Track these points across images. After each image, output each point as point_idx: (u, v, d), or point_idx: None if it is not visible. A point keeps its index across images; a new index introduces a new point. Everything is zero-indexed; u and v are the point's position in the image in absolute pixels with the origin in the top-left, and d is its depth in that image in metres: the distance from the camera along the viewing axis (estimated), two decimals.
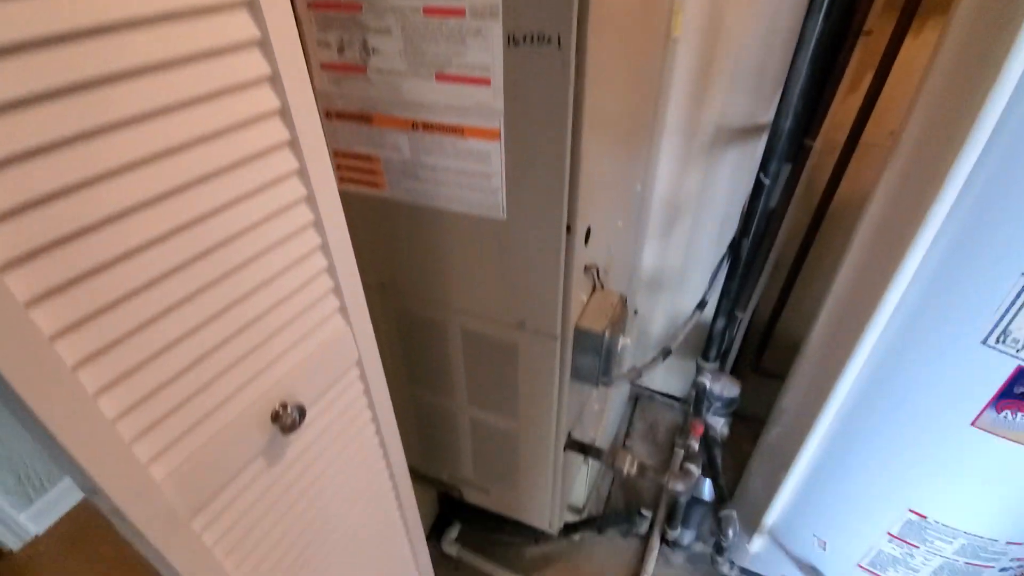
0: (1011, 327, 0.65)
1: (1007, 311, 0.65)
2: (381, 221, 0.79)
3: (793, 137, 1.17)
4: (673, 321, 1.64)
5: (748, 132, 1.28)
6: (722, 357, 1.46)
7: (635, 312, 1.67)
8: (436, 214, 0.73)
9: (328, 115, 0.71)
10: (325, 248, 0.57)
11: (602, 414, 1.41)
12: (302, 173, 0.52)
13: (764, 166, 0.96)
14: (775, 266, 1.45)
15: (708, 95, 1.27)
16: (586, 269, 0.79)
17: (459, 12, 0.56)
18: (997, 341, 0.67)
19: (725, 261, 1.11)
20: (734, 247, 1.07)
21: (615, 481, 1.59)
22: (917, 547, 0.89)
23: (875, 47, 1.08)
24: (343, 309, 0.62)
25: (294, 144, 0.50)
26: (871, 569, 0.98)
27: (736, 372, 1.63)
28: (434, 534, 1.40)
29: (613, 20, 0.64)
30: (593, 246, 0.81)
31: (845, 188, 1.25)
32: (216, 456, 0.49)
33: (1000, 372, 0.68)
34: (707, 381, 1.20)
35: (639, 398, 1.83)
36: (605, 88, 0.68)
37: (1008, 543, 0.83)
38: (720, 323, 1.17)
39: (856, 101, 1.15)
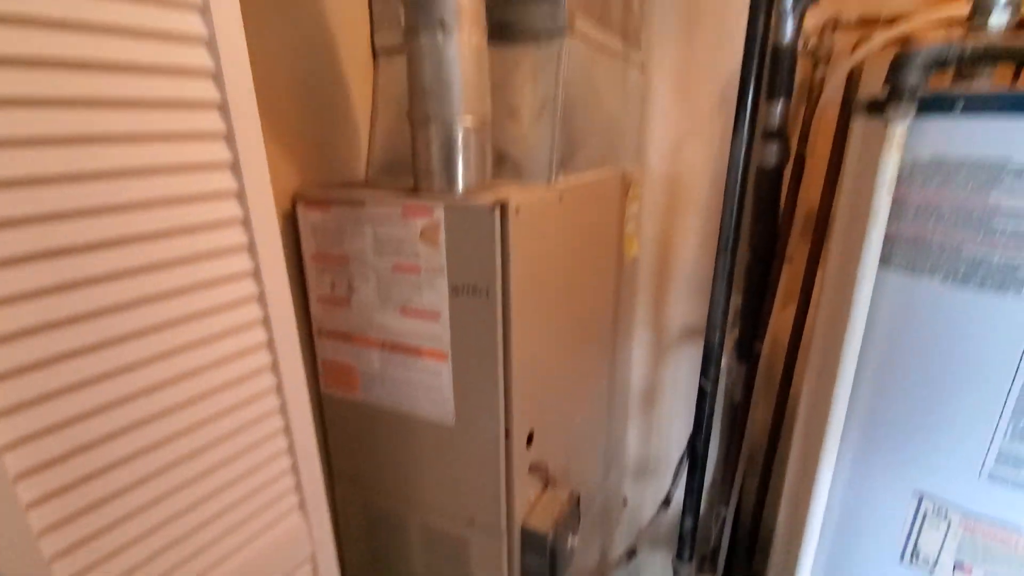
0: (919, 546, 0.69)
1: (911, 530, 0.69)
2: (354, 420, 0.91)
3: (744, 341, 1.31)
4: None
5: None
6: (712, 557, 1.41)
7: (624, 502, 1.66)
8: (399, 416, 0.85)
9: (319, 333, 0.88)
10: (291, 449, 0.69)
11: None
12: (279, 389, 0.66)
13: (704, 371, 1.08)
14: (749, 460, 1.47)
15: (669, 299, 1.44)
16: (532, 469, 0.87)
17: (416, 270, 0.75)
18: (911, 560, 0.70)
19: (685, 458, 1.17)
20: (691, 444, 1.14)
21: None
22: None
23: (798, 269, 1.26)
24: (302, 505, 0.71)
25: (271, 346, 0.64)
26: None
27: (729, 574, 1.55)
28: None
29: (550, 264, 0.82)
30: (542, 445, 0.90)
31: (798, 386, 1.34)
32: None
33: None
34: None
35: None
36: (547, 313, 0.84)
37: None
38: (688, 521, 1.18)
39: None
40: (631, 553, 1.08)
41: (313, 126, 0.89)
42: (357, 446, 0.93)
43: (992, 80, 0.67)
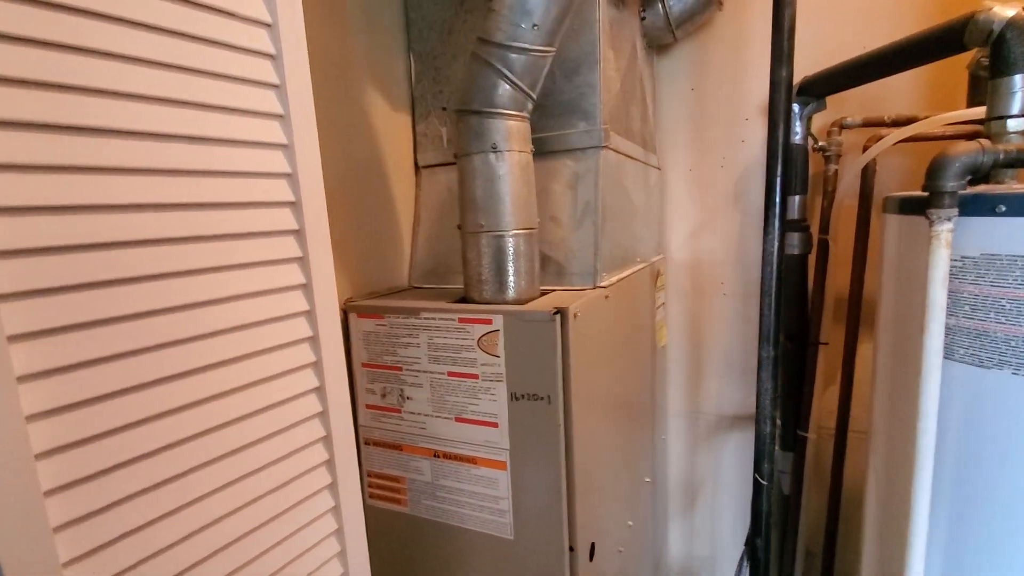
0: None
1: None
2: (400, 534, 0.86)
3: (788, 429, 1.27)
4: None
5: (744, 419, 1.39)
6: None
7: None
8: (451, 531, 0.81)
9: (367, 442, 0.86)
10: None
11: None
12: (332, 487, 0.63)
13: (757, 466, 1.04)
14: (806, 555, 1.38)
15: (704, 387, 1.42)
16: None
17: (474, 376, 0.75)
18: None
19: (744, 560, 1.09)
20: (749, 546, 1.07)
21: None
22: None
23: (835, 353, 1.25)
24: None
25: (331, 465, 0.62)
26: None
27: None
28: None
29: (602, 363, 0.82)
30: (601, 558, 0.85)
31: (850, 472, 1.29)
32: None
33: None
34: None
35: None
36: (602, 415, 0.83)
37: None
38: None
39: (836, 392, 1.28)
40: None
41: (361, 237, 0.92)
42: (402, 563, 0.87)
43: (1017, 180, 0.71)
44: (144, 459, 0.46)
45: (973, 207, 0.63)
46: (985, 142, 0.63)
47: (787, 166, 1.16)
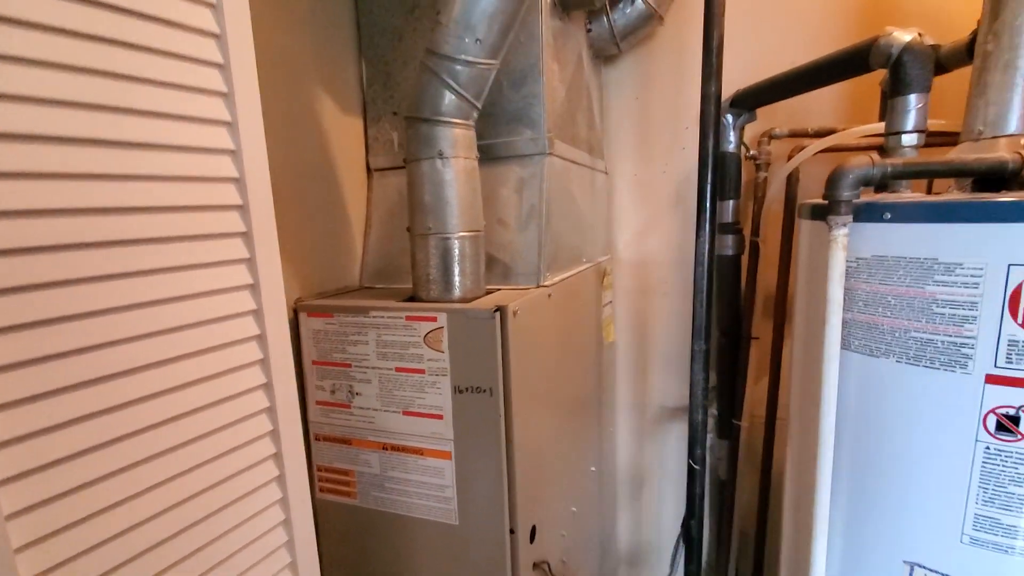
0: None
1: None
2: (351, 526, 0.89)
3: (724, 419, 1.36)
4: None
5: (685, 410, 1.47)
6: None
7: None
8: (399, 520, 0.85)
9: (317, 438, 0.88)
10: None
11: None
12: (280, 480, 0.66)
13: (691, 453, 1.12)
14: (741, 535, 1.48)
15: (648, 380, 1.50)
16: (536, 566, 0.87)
17: (421, 371, 0.78)
18: None
19: (680, 543, 1.17)
20: (685, 527, 1.15)
21: None
22: None
23: (766, 347, 1.35)
24: None
25: (278, 458, 0.65)
26: None
27: None
28: None
29: (544, 358, 0.87)
30: (543, 540, 0.90)
31: (779, 456, 1.39)
32: None
33: None
34: None
35: None
36: (543, 406, 0.88)
37: None
38: None
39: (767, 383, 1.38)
40: None
41: (312, 238, 0.95)
42: (353, 553, 0.90)
43: (911, 189, 0.80)
44: (93, 451, 0.48)
45: (866, 214, 0.71)
46: (876, 156, 0.71)
47: (720, 173, 1.25)
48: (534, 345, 0.85)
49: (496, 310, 0.74)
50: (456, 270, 0.81)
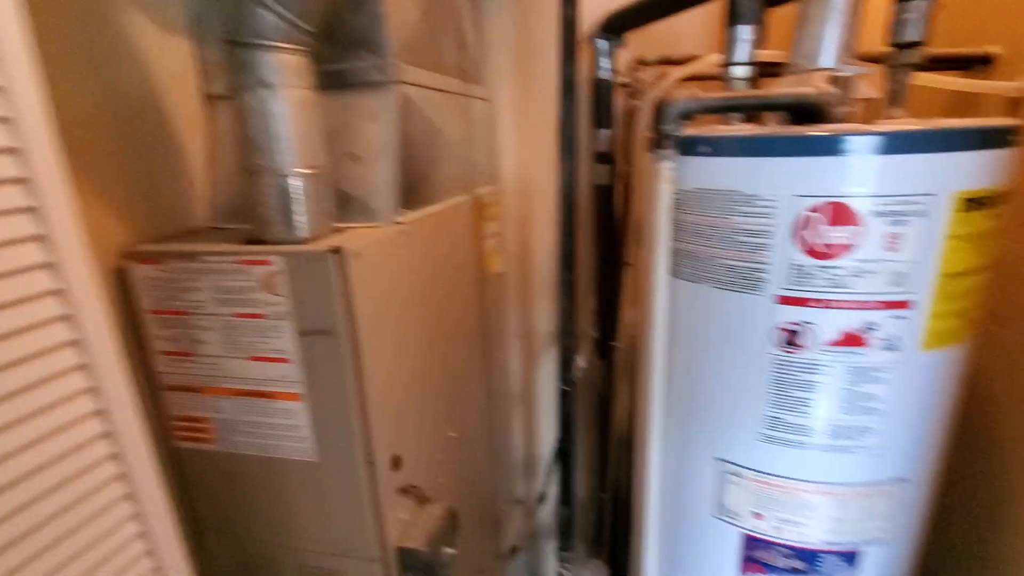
0: (724, 502, 0.83)
1: (718, 489, 0.83)
2: (216, 471, 0.89)
3: (604, 341, 1.45)
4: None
5: None
6: (598, 540, 1.54)
7: (540, 499, 1.70)
8: (261, 461, 0.86)
9: (168, 388, 0.86)
10: (140, 517, 0.67)
11: None
12: (108, 436, 0.65)
13: (562, 374, 1.19)
14: (619, 441, 1.63)
15: (535, 309, 1.56)
16: (404, 491, 0.92)
17: (262, 316, 0.77)
18: (721, 513, 0.84)
19: (556, 456, 1.27)
20: (558, 442, 1.25)
21: None
22: None
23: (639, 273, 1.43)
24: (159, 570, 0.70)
25: (104, 414, 0.63)
26: None
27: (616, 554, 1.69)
28: None
29: (402, 296, 0.87)
30: (413, 466, 0.95)
31: None
32: None
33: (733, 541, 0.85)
34: (568, 573, 1.27)
35: None
36: (403, 343, 0.89)
37: None
38: (564, 514, 1.29)
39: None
40: (513, 549, 1.16)
41: (141, 178, 0.86)
42: (222, 496, 0.91)
43: (756, 121, 0.84)
44: None
45: (690, 147, 0.74)
46: (698, 91, 0.73)
47: (597, 99, 1.25)
48: (387, 283, 0.84)
49: (331, 251, 0.72)
50: (294, 210, 0.77)
